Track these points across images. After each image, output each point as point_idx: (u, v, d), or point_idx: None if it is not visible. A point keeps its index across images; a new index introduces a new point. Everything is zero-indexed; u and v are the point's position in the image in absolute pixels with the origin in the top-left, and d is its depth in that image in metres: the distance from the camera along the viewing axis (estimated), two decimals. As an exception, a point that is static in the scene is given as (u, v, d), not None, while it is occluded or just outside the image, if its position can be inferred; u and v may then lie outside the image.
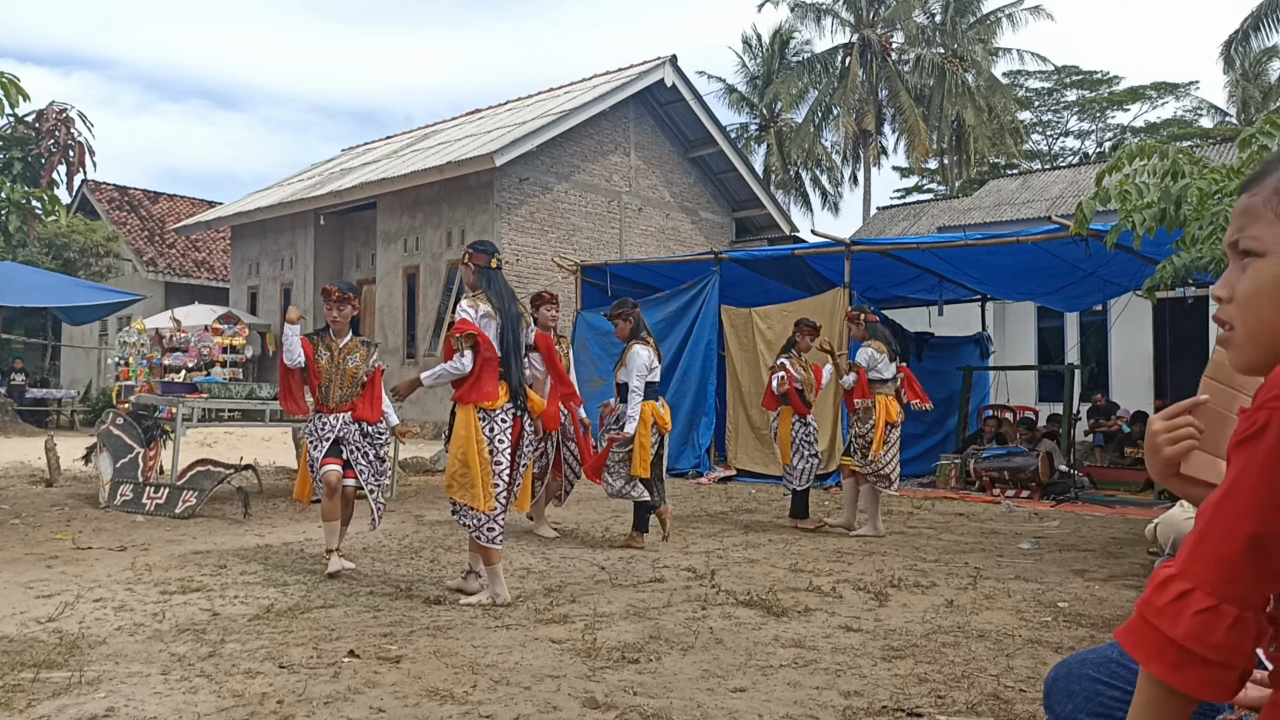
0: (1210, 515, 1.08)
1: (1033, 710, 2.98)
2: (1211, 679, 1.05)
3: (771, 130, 32.75)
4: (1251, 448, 1.05)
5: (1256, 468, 1.04)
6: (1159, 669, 1.08)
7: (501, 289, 4.64)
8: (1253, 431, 1.05)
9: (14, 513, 7.19)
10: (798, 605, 4.45)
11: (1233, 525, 1.05)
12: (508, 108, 20.11)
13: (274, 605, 4.32)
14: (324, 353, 5.34)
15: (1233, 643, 1.04)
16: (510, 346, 4.55)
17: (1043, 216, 14.54)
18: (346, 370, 5.34)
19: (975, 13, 30.99)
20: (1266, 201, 1.14)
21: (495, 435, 4.44)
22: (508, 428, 4.49)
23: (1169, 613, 1.07)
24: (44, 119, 21.98)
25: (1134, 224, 5.22)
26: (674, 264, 12.75)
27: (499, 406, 4.45)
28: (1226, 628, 1.04)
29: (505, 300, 4.61)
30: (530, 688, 3.14)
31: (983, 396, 13.36)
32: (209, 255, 25.36)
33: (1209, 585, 1.05)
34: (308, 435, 5.37)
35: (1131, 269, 9.52)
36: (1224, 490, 1.07)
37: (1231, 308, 1.17)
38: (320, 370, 5.30)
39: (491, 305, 4.55)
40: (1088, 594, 4.87)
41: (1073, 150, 34.92)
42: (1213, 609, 1.04)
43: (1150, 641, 1.08)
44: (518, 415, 4.57)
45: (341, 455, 5.22)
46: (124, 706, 2.90)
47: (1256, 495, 1.03)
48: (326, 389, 5.30)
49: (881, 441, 6.93)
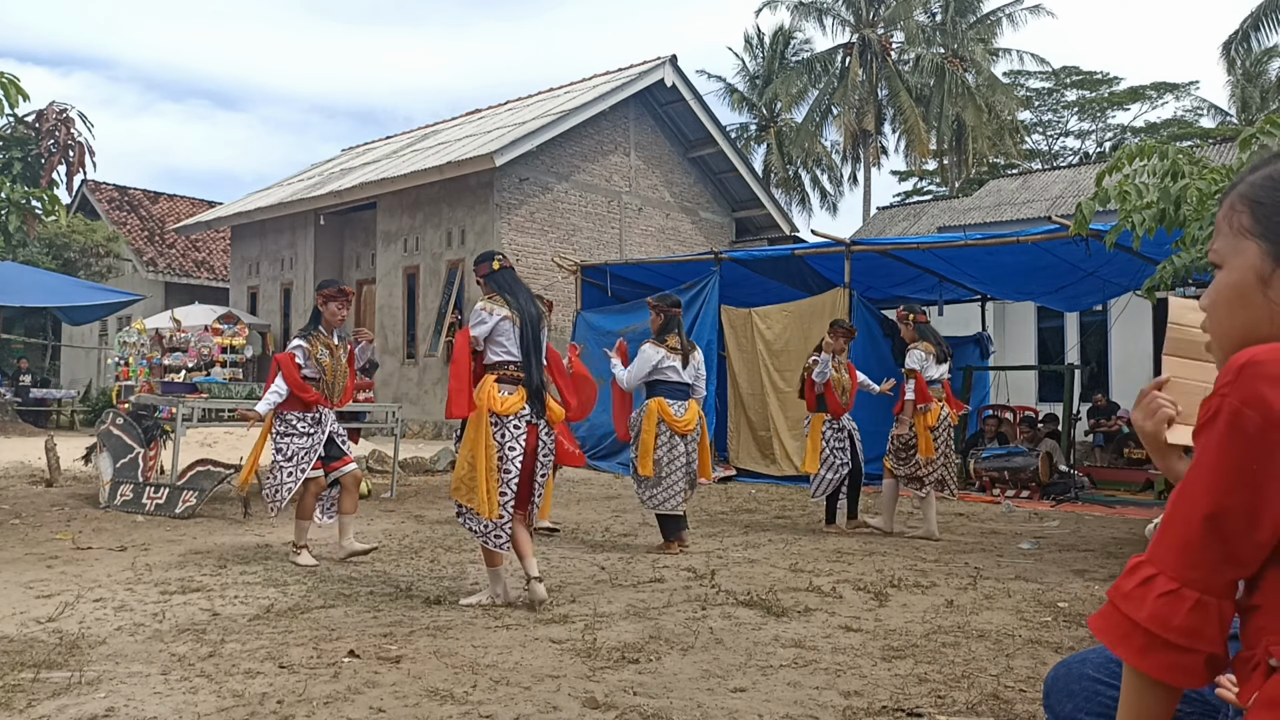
0: (1173, 502, 1.12)
1: (1033, 710, 2.98)
2: (1176, 663, 1.08)
3: (771, 130, 32.77)
4: (1207, 432, 1.09)
5: (1211, 451, 1.08)
6: (1126, 653, 1.11)
7: (515, 288, 4.48)
8: (1208, 417, 1.10)
9: (14, 513, 7.19)
10: (798, 605, 4.45)
11: (1190, 508, 1.09)
12: (508, 108, 20.11)
13: (274, 605, 4.32)
14: (324, 351, 5.39)
15: (1194, 626, 1.06)
16: (530, 346, 4.36)
17: (1043, 216, 14.54)
18: (343, 365, 5.52)
19: (975, 12, 31.00)
20: (1225, 215, 1.20)
21: (506, 442, 4.25)
22: (521, 434, 4.29)
23: (1134, 597, 1.10)
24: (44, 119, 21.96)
25: (1134, 224, 5.23)
26: (674, 264, 12.76)
27: (513, 412, 4.27)
28: (1187, 610, 1.06)
29: (522, 299, 4.44)
30: (530, 688, 3.14)
31: (983, 396, 13.36)
32: (209, 255, 25.35)
33: (1172, 569, 1.08)
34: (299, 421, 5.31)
35: (1131, 269, 9.52)
36: (1186, 477, 1.12)
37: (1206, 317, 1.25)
38: (326, 368, 5.38)
39: (509, 305, 4.39)
40: (1088, 594, 4.87)
41: (1073, 150, 34.94)
42: (1174, 592, 1.07)
43: (1118, 626, 1.12)
44: (533, 423, 4.36)
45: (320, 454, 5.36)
46: (124, 706, 2.90)
47: (1211, 477, 1.07)
48: (332, 385, 5.40)
49: (929, 445, 6.87)
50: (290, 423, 5.32)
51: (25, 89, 9.22)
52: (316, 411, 5.36)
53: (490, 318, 4.34)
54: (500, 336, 4.34)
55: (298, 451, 5.29)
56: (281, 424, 5.35)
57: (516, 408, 4.28)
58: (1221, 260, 1.19)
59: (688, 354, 6.22)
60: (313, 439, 5.30)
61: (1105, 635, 1.13)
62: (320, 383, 5.39)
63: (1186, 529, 1.08)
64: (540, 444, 4.41)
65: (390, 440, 12.47)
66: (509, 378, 4.32)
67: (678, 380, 6.16)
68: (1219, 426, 1.07)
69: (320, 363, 5.37)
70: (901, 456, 6.99)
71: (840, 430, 7.16)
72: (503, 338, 4.34)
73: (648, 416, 6.10)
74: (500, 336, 4.34)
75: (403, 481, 9.62)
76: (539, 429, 4.39)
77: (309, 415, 5.35)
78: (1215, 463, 1.07)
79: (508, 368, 4.33)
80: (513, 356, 4.34)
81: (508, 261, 4.60)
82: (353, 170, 19.24)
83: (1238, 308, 1.16)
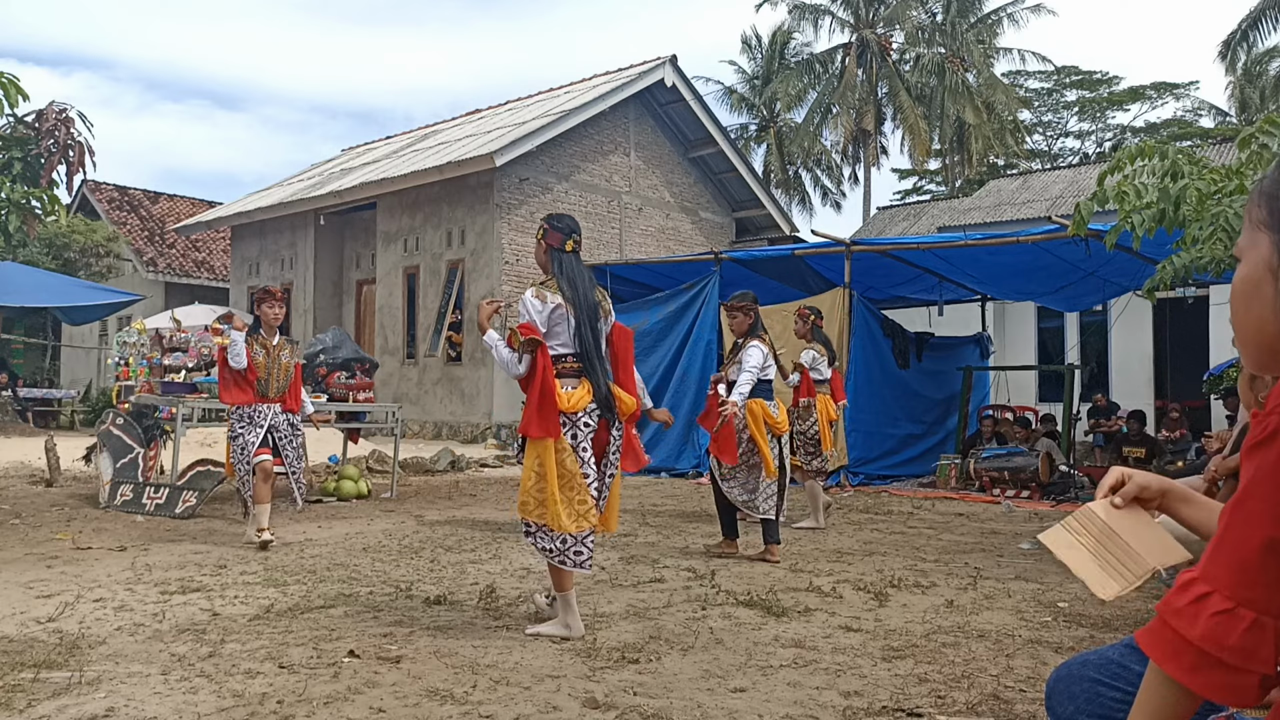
0: (1228, 519, 1.09)
1: (1033, 710, 2.98)
2: (1228, 683, 1.05)
3: (771, 130, 32.76)
4: (1264, 452, 1.06)
5: (1269, 472, 1.05)
6: (1175, 670, 1.08)
7: (575, 274, 3.96)
8: (1264, 436, 1.07)
9: (14, 513, 7.19)
10: (798, 605, 4.45)
11: (1248, 529, 1.06)
12: (508, 108, 20.10)
13: (274, 605, 4.32)
14: (259, 350, 6.08)
15: (1249, 646, 1.04)
16: (590, 344, 3.89)
17: (1043, 216, 14.55)
18: (282, 364, 6.17)
19: (976, 12, 30.99)
20: (1247, 210, 1.19)
21: (579, 442, 3.83)
22: (591, 433, 3.87)
23: (1187, 614, 1.08)
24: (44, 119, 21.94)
25: (1133, 224, 5.22)
26: (674, 264, 12.75)
27: (582, 408, 3.85)
28: (1243, 631, 1.04)
29: (581, 288, 3.92)
30: (530, 688, 3.14)
31: (983, 396, 13.36)
32: (209, 255, 25.35)
33: (1227, 588, 1.06)
34: (237, 422, 6.04)
35: (1131, 269, 9.53)
36: (1240, 494, 1.08)
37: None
38: (258, 365, 6.04)
39: (564, 295, 3.89)
40: (1088, 594, 4.86)
41: (1073, 150, 34.96)
42: (1229, 611, 1.05)
43: (1168, 642, 1.09)
44: (604, 418, 3.93)
45: (269, 444, 6.04)
46: (124, 706, 2.90)
47: (1271, 499, 1.05)
48: (265, 381, 6.08)
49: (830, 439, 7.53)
50: (233, 426, 6.09)
51: (25, 89, 9.24)
52: (252, 409, 6.06)
53: (544, 305, 3.87)
54: (556, 327, 3.90)
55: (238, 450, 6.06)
56: (230, 430, 6.12)
57: (584, 402, 3.85)
58: (1241, 253, 1.19)
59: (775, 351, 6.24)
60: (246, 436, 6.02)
61: (1154, 651, 1.11)
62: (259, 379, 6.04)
63: (1243, 549, 1.05)
64: (610, 441, 3.99)
65: (390, 440, 12.47)
66: (569, 371, 3.89)
67: (769, 380, 5.99)
68: (1278, 445, 1.05)
69: (255, 360, 6.01)
70: (811, 451, 7.43)
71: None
72: (559, 328, 3.90)
73: (754, 421, 5.80)
74: (556, 327, 3.90)
75: (403, 481, 9.62)
76: (611, 426, 3.98)
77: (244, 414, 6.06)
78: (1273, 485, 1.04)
79: (566, 360, 3.90)
80: (570, 349, 3.90)
81: (579, 244, 4.07)
82: (353, 170, 19.24)
83: (1253, 300, 1.15)
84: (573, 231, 4.02)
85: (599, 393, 3.88)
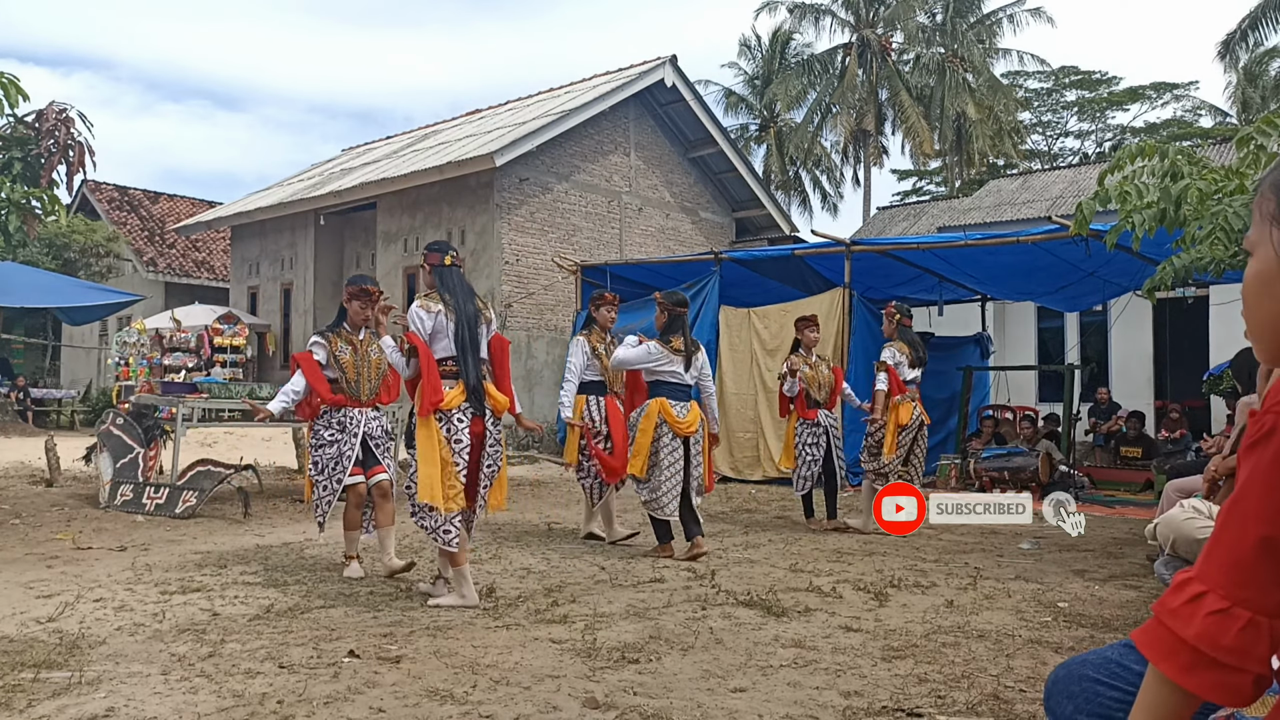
0: (1223, 518, 1.09)
1: (1033, 710, 2.98)
2: (1223, 682, 1.05)
3: (771, 130, 32.75)
4: (1260, 451, 1.06)
5: (1264, 471, 1.05)
6: (1170, 669, 1.08)
7: (456, 286, 4.59)
8: (1260, 435, 1.07)
9: (14, 513, 7.20)
10: (798, 605, 4.45)
11: (1243, 528, 1.06)
12: (508, 108, 20.10)
13: (274, 605, 4.32)
14: (345, 348, 5.19)
15: (1244, 646, 1.04)
16: (466, 344, 4.47)
17: (1043, 216, 14.53)
18: (372, 362, 5.26)
19: (976, 13, 31.00)
20: (1256, 204, 1.18)
21: (453, 435, 4.38)
22: (464, 427, 4.41)
23: (1182, 614, 1.08)
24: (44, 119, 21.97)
25: (1134, 224, 5.23)
26: (674, 264, 12.75)
27: (457, 406, 4.40)
28: (1238, 630, 1.04)
29: (460, 297, 4.55)
30: (530, 688, 3.14)
31: (983, 396, 13.35)
32: (209, 255, 25.35)
33: (1222, 588, 1.06)
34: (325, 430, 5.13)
35: (1131, 269, 9.52)
36: (1236, 494, 1.08)
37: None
38: (346, 365, 5.15)
39: (445, 302, 4.51)
40: (1088, 594, 4.87)
41: (1073, 150, 34.95)
42: (1225, 611, 1.05)
43: (1163, 642, 1.09)
44: (476, 415, 4.48)
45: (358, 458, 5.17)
46: (124, 706, 2.90)
47: (1265, 498, 1.05)
48: (356, 384, 5.18)
49: (894, 445, 7.09)
50: (318, 433, 5.15)
51: (25, 89, 9.21)
52: (343, 415, 5.15)
53: (429, 315, 4.47)
54: (439, 332, 4.47)
55: (327, 463, 5.13)
56: (314, 436, 5.20)
57: (458, 401, 4.40)
58: (1251, 248, 1.18)
59: (691, 354, 6.07)
60: (339, 446, 5.11)
61: (1150, 651, 1.11)
62: (344, 382, 5.16)
63: (1239, 549, 1.05)
64: (487, 435, 4.52)
65: (390, 440, 12.45)
66: (448, 373, 4.45)
67: (679, 381, 6.04)
68: (1274, 444, 1.04)
69: (340, 360, 5.13)
70: (873, 451, 7.19)
71: (815, 428, 7.16)
72: (441, 333, 4.46)
73: (647, 416, 5.98)
74: (439, 332, 4.47)
75: (402, 481, 9.61)
76: (484, 421, 4.50)
77: (335, 421, 5.14)
78: (1268, 484, 1.04)
79: (446, 364, 4.45)
80: (450, 353, 4.45)
81: (459, 260, 4.76)
82: (353, 170, 19.24)
83: (1264, 295, 1.14)
84: (448, 249, 4.70)
85: (469, 383, 4.42)
